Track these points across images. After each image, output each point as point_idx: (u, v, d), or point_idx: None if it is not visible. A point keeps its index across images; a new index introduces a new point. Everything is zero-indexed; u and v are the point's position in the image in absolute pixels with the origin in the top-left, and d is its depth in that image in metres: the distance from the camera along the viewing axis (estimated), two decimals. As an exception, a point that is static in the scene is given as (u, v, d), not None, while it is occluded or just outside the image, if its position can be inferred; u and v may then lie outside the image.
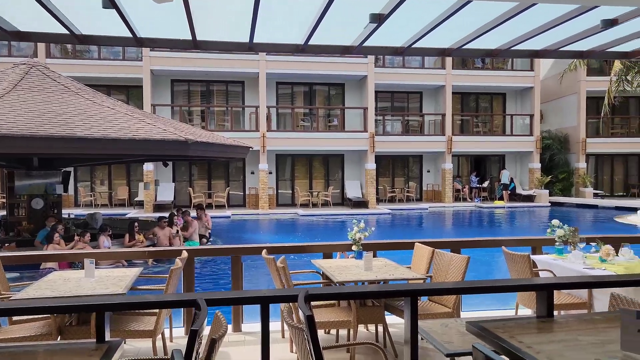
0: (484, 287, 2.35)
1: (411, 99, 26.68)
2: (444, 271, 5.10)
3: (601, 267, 4.92)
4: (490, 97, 27.48)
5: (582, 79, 26.21)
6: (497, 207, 24.06)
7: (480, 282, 2.53)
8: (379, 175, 25.34)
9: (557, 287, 2.44)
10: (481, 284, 2.41)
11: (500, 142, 25.61)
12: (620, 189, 28.35)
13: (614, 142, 26.92)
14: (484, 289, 2.41)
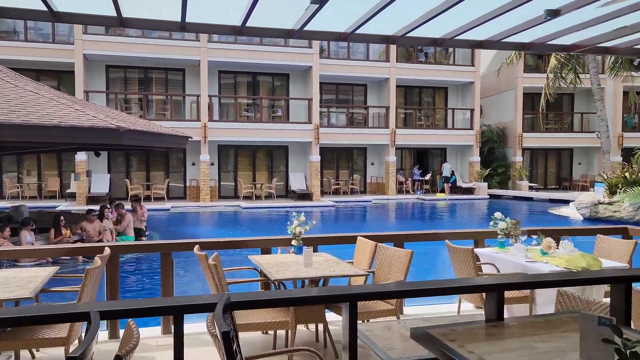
0: (429, 290, 2.13)
1: (356, 92, 26.65)
2: (387, 266, 4.90)
3: (543, 260, 4.88)
4: (432, 91, 27.88)
5: (520, 75, 27.05)
6: (439, 200, 24.47)
7: (425, 284, 2.30)
8: (324, 168, 25.19)
9: (508, 288, 2.26)
10: (426, 286, 2.18)
11: (442, 136, 26.04)
12: (553, 182, 29.57)
13: (548, 137, 28.00)
14: (429, 292, 2.19)
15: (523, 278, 2.26)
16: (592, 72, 20.83)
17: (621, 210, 15.84)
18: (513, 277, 2.27)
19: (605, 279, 2.26)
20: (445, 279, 2.42)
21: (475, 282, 2.21)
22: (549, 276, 2.34)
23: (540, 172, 29.56)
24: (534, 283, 2.23)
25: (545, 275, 2.39)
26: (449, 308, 5.73)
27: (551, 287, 2.37)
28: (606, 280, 2.25)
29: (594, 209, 16.50)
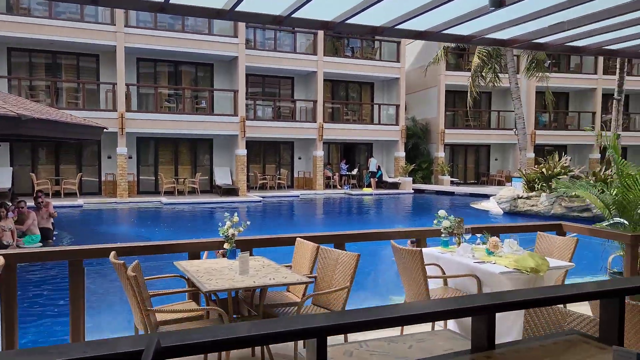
0: (412, 316, 1.72)
1: (283, 85, 26.13)
2: (331, 271, 4.49)
3: (490, 261, 4.68)
4: (359, 86, 27.95)
5: (442, 73, 27.73)
6: (365, 194, 24.57)
7: (405, 308, 1.91)
8: (250, 162, 24.49)
9: (500, 309, 1.91)
10: (407, 311, 1.78)
11: (369, 131, 26.16)
12: (472, 176, 30.69)
13: (468, 133, 28.94)
14: (413, 318, 1.79)
15: (518, 296, 1.91)
16: (510, 71, 21.65)
17: (538, 205, 16.53)
18: (506, 295, 1.92)
19: (604, 292, 1.96)
20: (429, 302, 2.03)
21: (462, 303, 1.83)
22: (547, 291, 2.02)
23: (460, 168, 30.57)
24: (530, 301, 1.89)
25: (546, 291, 2.07)
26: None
27: (546, 305, 2.05)
28: (603, 294, 1.95)
29: (513, 203, 17.12)
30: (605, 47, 7.39)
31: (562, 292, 1.93)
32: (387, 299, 7.20)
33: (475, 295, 2.43)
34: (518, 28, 6.43)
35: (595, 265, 7.76)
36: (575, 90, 30.59)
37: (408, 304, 2.02)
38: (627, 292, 2.03)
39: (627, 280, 2.65)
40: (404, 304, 2.03)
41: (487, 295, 1.90)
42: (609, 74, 29.57)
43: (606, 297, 1.99)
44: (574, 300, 2.01)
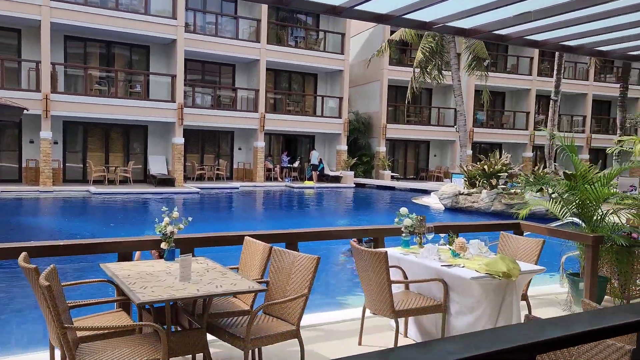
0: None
1: (223, 72, 25.13)
2: (286, 275, 3.96)
3: (458, 264, 4.31)
4: (302, 77, 27.40)
5: (385, 67, 27.70)
6: (307, 187, 24.14)
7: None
8: (187, 151, 23.41)
9: (542, 349, 1.46)
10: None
11: (311, 123, 25.70)
12: (412, 172, 30.98)
13: (409, 128, 29.13)
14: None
15: (564, 329, 1.46)
16: (453, 68, 21.85)
17: (479, 201, 16.71)
18: (547, 332, 1.44)
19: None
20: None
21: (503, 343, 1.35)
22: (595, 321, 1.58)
23: (401, 163, 30.77)
24: (576, 337, 1.43)
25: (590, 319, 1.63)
26: (352, 314, 5.03)
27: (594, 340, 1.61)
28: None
29: (455, 199, 17.22)
30: (563, 42, 7.28)
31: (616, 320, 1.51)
32: (336, 303, 6.78)
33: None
34: (481, 17, 6.13)
35: (548, 265, 7.67)
36: (511, 90, 31.53)
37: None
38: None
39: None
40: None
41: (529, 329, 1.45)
42: (543, 76, 30.74)
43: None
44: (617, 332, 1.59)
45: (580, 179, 6.52)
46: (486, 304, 4.08)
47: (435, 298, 4.40)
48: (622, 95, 22.19)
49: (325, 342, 4.58)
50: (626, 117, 22.25)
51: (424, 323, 4.56)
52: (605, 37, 6.95)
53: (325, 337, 4.69)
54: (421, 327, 4.60)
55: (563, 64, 19.82)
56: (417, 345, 1.46)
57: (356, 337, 4.54)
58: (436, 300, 4.37)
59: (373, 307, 4.37)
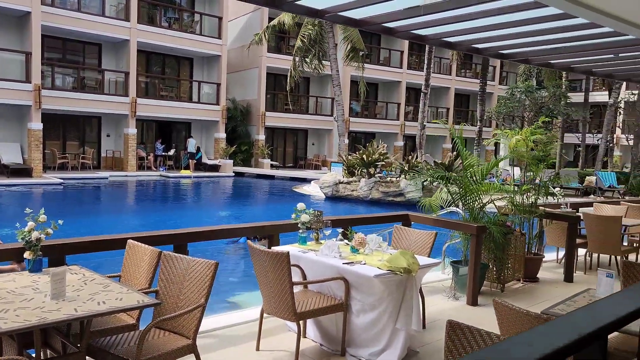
0: None
1: (88, 52, 22.99)
2: (179, 283, 3.55)
3: (359, 261, 4.22)
4: (177, 61, 26.06)
5: (264, 55, 27.34)
6: (184, 177, 23.11)
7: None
8: (47, 138, 21.11)
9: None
10: None
11: (187, 109, 24.58)
12: (291, 160, 31.13)
13: (288, 117, 29.14)
14: None
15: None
16: (332, 58, 22.16)
17: (358, 190, 17.19)
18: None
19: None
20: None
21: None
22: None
23: (280, 151, 30.75)
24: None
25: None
26: (249, 315, 4.75)
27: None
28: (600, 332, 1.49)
29: (335, 188, 17.54)
30: (444, 38, 7.58)
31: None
32: (230, 304, 6.41)
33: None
34: (373, 8, 6.12)
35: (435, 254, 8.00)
36: (384, 81, 32.92)
37: None
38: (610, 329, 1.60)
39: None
40: None
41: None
42: (412, 69, 32.52)
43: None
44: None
45: (466, 170, 6.82)
46: (388, 301, 4.04)
47: (336, 296, 4.28)
48: (482, 90, 24.21)
49: (220, 349, 4.25)
50: (484, 110, 24.30)
51: (323, 322, 4.42)
52: (480, 36, 7.36)
53: (219, 344, 4.35)
54: (320, 326, 4.46)
55: (432, 58, 21.04)
56: None
57: (254, 341, 4.28)
58: (337, 299, 4.25)
59: (273, 310, 4.12)
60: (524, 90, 22.86)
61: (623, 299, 1.80)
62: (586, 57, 8.31)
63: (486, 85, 24.27)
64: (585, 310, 1.72)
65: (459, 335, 2.33)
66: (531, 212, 6.91)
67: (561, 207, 8.15)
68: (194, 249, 4.48)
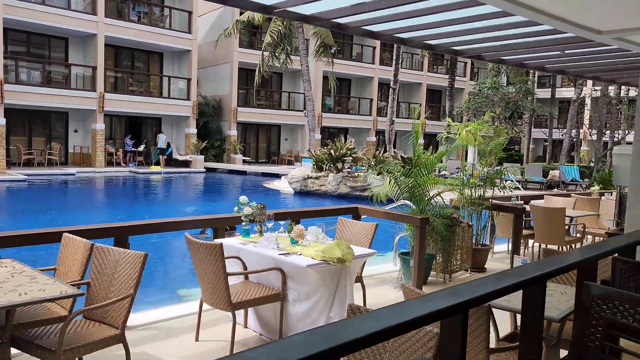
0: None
1: (54, 46, 22.59)
2: (109, 275, 3.60)
3: (296, 251, 4.32)
4: (147, 56, 25.78)
5: (235, 50, 27.24)
6: (154, 173, 22.92)
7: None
8: (11, 134, 20.74)
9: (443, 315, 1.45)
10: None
11: (157, 104, 24.38)
12: (264, 156, 31.11)
13: (260, 112, 29.10)
14: None
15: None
16: (302, 54, 22.21)
17: (326, 184, 17.31)
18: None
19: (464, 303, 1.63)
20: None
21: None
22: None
23: (252, 147, 30.69)
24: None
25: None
26: (190, 308, 4.81)
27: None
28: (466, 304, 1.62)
29: (303, 183, 17.63)
30: (396, 34, 7.70)
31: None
32: (177, 297, 6.47)
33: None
34: (321, 4, 6.19)
35: (383, 245, 8.16)
36: (356, 77, 33.09)
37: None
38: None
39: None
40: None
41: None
42: (384, 65, 32.75)
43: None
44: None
45: (416, 162, 6.98)
46: (323, 290, 4.15)
47: (274, 287, 4.37)
48: (450, 86, 24.56)
49: (160, 341, 4.31)
50: (453, 106, 24.65)
51: (263, 312, 4.51)
52: (433, 32, 7.50)
53: (160, 336, 4.41)
54: (260, 316, 4.56)
55: (401, 54, 21.27)
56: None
57: (193, 332, 4.35)
58: (275, 289, 4.35)
59: (210, 301, 4.20)
60: (491, 86, 23.26)
61: (493, 280, 1.93)
62: (536, 53, 8.52)
63: (454, 80, 24.63)
64: (452, 289, 1.84)
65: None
66: (479, 204, 7.10)
67: (512, 199, 8.38)
68: (156, 241, 4.52)
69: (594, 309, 1.93)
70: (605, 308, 1.90)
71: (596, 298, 1.93)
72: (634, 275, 2.41)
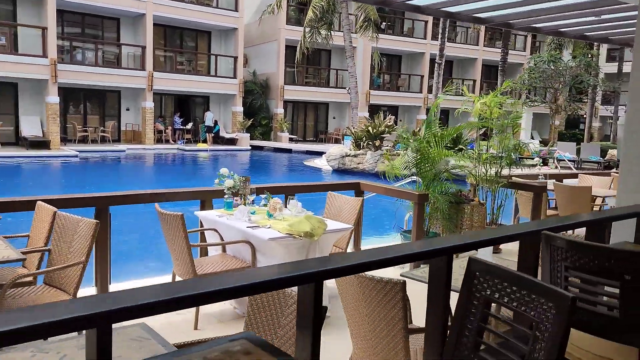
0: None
1: (107, 26, 23.36)
2: (68, 242, 3.65)
3: (266, 225, 4.22)
4: (195, 35, 26.17)
5: (282, 27, 27.12)
6: (200, 150, 23.43)
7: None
8: (68, 112, 21.77)
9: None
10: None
11: (205, 83, 24.78)
12: (311, 134, 31.07)
13: (307, 90, 28.97)
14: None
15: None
16: (345, 29, 21.80)
17: (364, 162, 17.05)
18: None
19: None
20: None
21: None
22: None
23: (300, 125, 30.70)
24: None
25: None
26: (165, 280, 4.81)
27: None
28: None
29: (341, 161, 17.45)
30: (444, 8, 7.26)
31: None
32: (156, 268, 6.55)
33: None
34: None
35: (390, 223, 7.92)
36: (407, 53, 32.20)
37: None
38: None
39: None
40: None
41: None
42: (436, 40, 31.60)
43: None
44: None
45: (425, 136, 6.67)
46: (289, 264, 4.03)
47: (246, 260, 4.31)
48: (503, 60, 23.39)
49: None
50: (505, 81, 23.46)
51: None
52: (482, 5, 7.05)
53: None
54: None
55: (447, 28, 20.42)
56: None
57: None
58: (246, 262, 4.28)
59: (179, 272, 4.19)
60: (547, 60, 21.95)
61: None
62: (573, 19, 7.85)
63: (507, 54, 23.40)
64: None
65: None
66: (495, 181, 6.71)
67: (539, 177, 7.88)
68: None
69: (475, 287, 1.70)
70: (486, 286, 1.67)
71: (478, 275, 1.70)
72: (568, 253, 2.12)
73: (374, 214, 10.33)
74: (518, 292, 1.57)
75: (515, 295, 1.57)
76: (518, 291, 1.57)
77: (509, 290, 1.59)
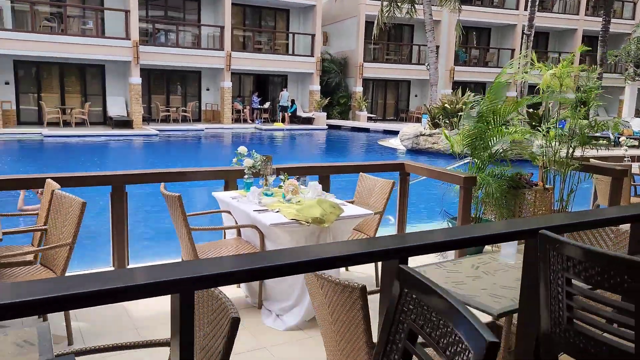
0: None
1: (187, 8, 23.89)
2: (62, 221, 3.50)
3: (275, 209, 3.83)
4: (274, 13, 26.10)
5: (362, 2, 26.31)
6: (276, 130, 23.50)
7: None
8: (152, 92, 22.66)
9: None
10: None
11: (282, 62, 24.68)
12: (391, 113, 30.15)
13: (387, 67, 28.01)
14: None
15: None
16: (425, 2, 20.64)
17: (439, 142, 16.13)
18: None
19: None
20: None
21: None
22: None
23: (380, 103, 29.88)
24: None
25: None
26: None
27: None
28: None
29: (415, 140, 16.64)
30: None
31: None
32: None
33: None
34: None
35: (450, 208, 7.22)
36: (496, 25, 30.13)
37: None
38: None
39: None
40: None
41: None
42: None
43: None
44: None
45: (484, 111, 5.96)
46: (296, 252, 3.63)
47: (256, 246, 3.96)
48: (604, 29, 21.10)
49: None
50: (606, 53, 21.19)
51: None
52: None
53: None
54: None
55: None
56: None
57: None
58: (256, 248, 3.94)
59: (184, 255, 3.95)
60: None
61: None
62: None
63: (609, 23, 21.03)
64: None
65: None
66: (565, 164, 5.83)
67: (625, 159, 6.82)
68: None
69: (401, 308, 1.20)
70: (412, 308, 1.16)
71: (406, 292, 1.20)
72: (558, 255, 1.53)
73: (429, 197, 9.64)
74: (444, 325, 1.05)
75: (440, 329, 1.06)
76: (445, 324, 1.05)
77: (434, 320, 1.08)
